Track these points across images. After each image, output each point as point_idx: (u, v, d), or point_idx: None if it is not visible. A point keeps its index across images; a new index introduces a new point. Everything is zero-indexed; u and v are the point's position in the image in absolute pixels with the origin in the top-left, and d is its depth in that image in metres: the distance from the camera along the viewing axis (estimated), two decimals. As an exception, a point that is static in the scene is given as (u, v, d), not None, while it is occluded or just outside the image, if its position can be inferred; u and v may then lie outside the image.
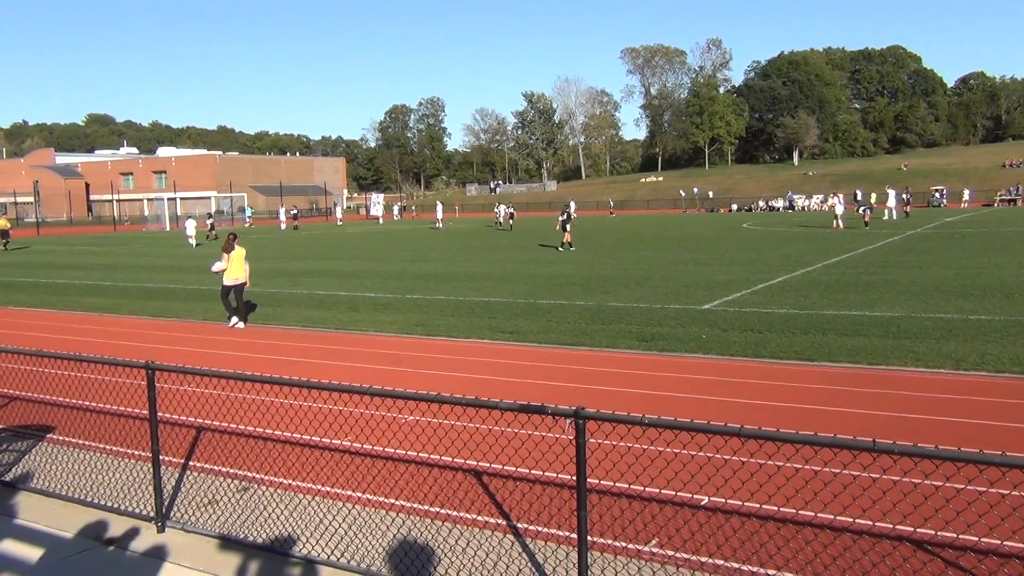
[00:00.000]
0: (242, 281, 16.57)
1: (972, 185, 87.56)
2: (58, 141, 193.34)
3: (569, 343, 13.54)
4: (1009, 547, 5.29)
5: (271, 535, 6.14)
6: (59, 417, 9.68)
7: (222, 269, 16.51)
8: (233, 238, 16.87)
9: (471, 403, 4.81)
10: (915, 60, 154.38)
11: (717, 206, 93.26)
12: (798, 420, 8.60)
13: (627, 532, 5.89)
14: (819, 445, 3.88)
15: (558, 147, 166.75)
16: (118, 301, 20.90)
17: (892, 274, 21.96)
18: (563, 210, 37.05)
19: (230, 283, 16.48)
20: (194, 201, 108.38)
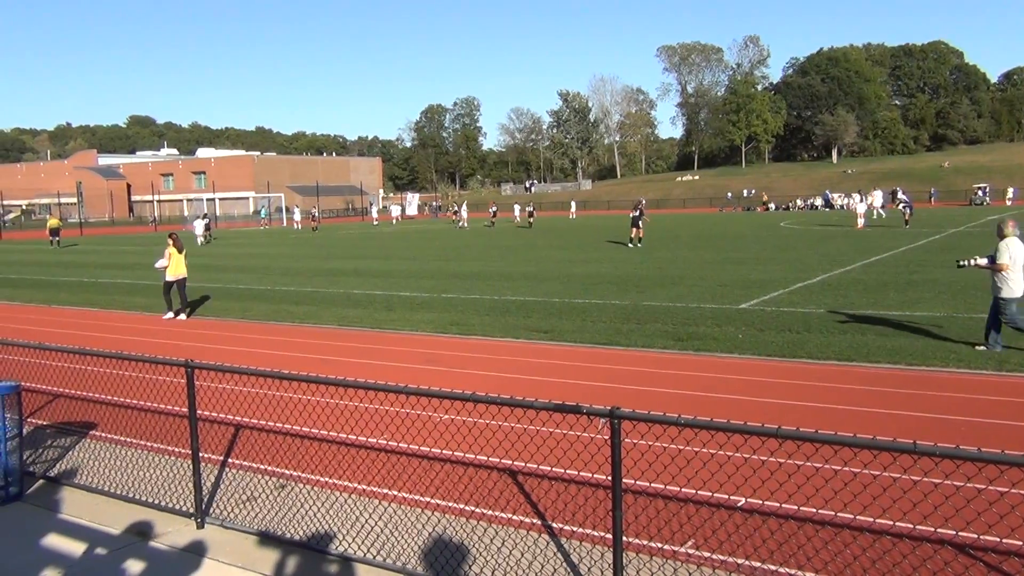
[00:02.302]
0: (183, 276, 18.07)
1: (1016, 183, 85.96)
2: (100, 143, 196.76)
3: (604, 343, 13.50)
4: (1055, 552, 5.19)
5: (308, 532, 6.20)
6: (101, 414, 9.84)
7: (164, 266, 17.92)
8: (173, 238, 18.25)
9: (506, 402, 4.82)
10: (957, 55, 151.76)
11: (754, 205, 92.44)
12: (836, 421, 8.49)
13: (663, 533, 5.85)
14: (858, 447, 3.83)
15: (593, 146, 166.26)
16: (158, 300, 21.16)
17: (933, 273, 21.62)
18: (635, 207, 37.66)
19: (172, 279, 17.94)
20: (232, 201, 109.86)
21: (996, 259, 11.71)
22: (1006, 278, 11.58)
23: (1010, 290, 11.57)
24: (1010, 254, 11.60)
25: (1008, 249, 11.64)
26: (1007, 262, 11.54)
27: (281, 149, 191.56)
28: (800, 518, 5.96)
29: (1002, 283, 11.63)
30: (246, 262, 34.26)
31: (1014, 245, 11.70)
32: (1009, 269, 11.53)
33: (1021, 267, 11.62)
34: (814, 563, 5.31)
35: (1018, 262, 11.61)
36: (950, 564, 5.21)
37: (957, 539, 5.46)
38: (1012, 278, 11.56)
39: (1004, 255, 11.59)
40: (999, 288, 11.67)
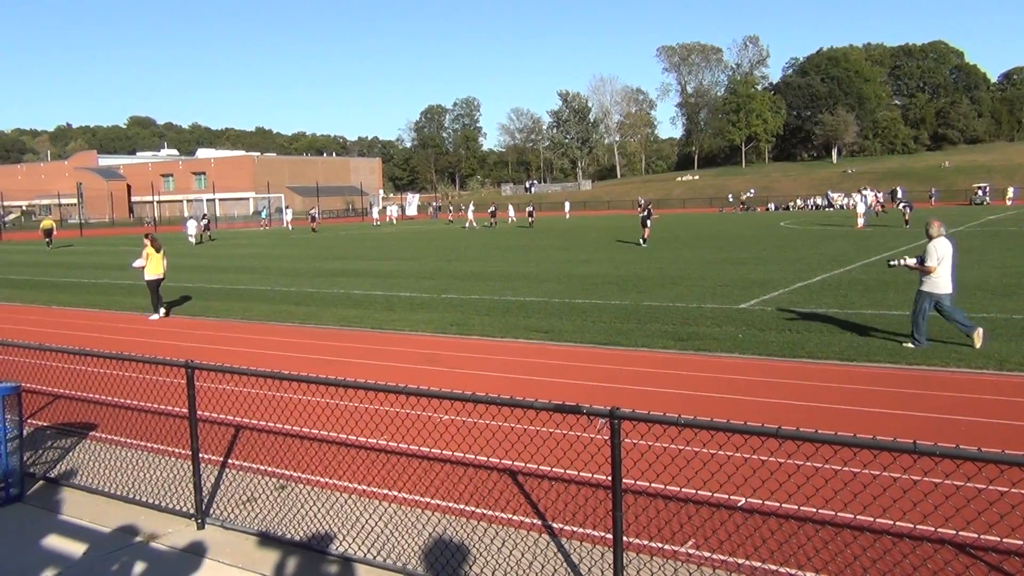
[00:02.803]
0: (160, 277, 18.31)
1: (1017, 182, 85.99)
2: (101, 143, 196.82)
3: (604, 343, 13.50)
4: (1055, 551, 5.19)
5: (309, 533, 6.20)
6: (102, 415, 9.84)
7: (142, 266, 18.24)
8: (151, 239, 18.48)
9: (506, 403, 4.82)
10: (957, 55, 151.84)
11: (753, 205, 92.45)
12: (837, 421, 8.49)
13: (663, 533, 5.85)
14: (858, 447, 3.83)
15: (593, 146, 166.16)
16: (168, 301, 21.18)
17: (933, 273, 21.59)
18: (644, 207, 38.50)
19: (151, 278, 18.22)
20: (232, 202, 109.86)
21: (924, 260, 12.15)
22: (934, 276, 12.03)
23: (934, 286, 12.02)
24: (938, 254, 12.04)
25: (936, 250, 12.07)
26: (934, 264, 12.00)
27: (281, 150, 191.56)
28: (800, 518, 5.96)
29: (927, 280, 12.11)
30: (246, 263, 34.27)
31: (942, 245, 12.12)
32: (935, 270, 12.00)
33: (949, 265, 12.07)
34: (814, 563, 5.31)
35: (945, 261, 12.02)
36: (950, 564, 5.21)
37: (957, 539, 5.46)
38: (941, 275, 12.01)
39: (932, 256, 12.05)
40: (922, 283, 12.17)
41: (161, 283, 18.49)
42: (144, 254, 18.24)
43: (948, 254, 12.10)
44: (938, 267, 11.99)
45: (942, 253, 12.06)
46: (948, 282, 12.05)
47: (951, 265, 12.14)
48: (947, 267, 12.06)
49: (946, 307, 12.04)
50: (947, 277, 12.06)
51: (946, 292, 12.02)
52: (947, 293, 12.03)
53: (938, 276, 12.02)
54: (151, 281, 18.21)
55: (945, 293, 12.01)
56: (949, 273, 12.09)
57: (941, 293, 12.00)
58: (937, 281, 12.02)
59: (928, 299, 12.02)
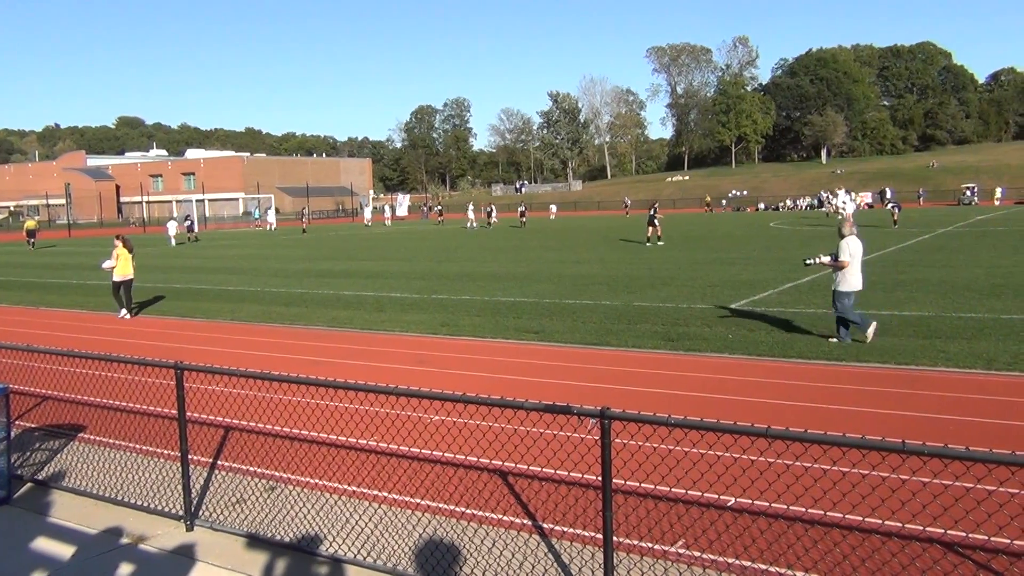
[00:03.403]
0: (130, 277, 18.57)
1: (1004, 182, 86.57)
2: (89, 144, 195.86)
3: (595, 343, 13.51)
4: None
5: (298, 534, 6.18)
6: (90, 416, 9.79)
7: (112, 266, 18.43)
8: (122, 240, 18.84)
9: (496, 403, 4.82)
10: (945, 56, 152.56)
11: (744, 205, 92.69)
12: (826, 421, 8.52)
13: (653, 533, 5.86)
14: (847, 446, 3.84)
15: (583, 147, 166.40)
16: (147, 303, 21.11)
17: (922, 273, 21.72)
18: (650, 207, 39.68)
19: (119, 279, 18.41)
20: (222, 203, 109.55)
21: (838, 257, 12.82)
22: (845, 274, 12.67)
23: (847, 284, 12.66)
24: (849, 252, 12.72)
25: (847, 248, 12.76)
26: (847, 259, 12.66)
27: (271, 150, 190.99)
28: (789, 517, 5.98)
29: (841, 278, 12.72)
30: (236, 263, 34.17)
31: (853, 243, 12.83)
32: (848, 266, 12.65)
33: (859, 263, 12.82)
34: (803, 562, 5.32)
35: (856, 258, 12.74)
36: (938, 562, 5.23)
37: (945, 537, 5.49)
38: (851, 272, 12.67)
39: (844, 253, 12.72)
40: (838, 282, 12.77)
41: (132, 284, 18.76)
42: (114, 255, 18.48)
43: (858, 252, 12.83)
44: (850, 264, 12.66)
45: (853, 251, 12.75)
46: (858, 279, 12.80)
47: (860, 262, 12.90)
48: (857, 265, 12.79)
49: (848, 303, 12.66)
50: (857, 274, 12.79)
51: (856, 288, 12.71)
52: (856, 290, 12.74)
53: (849, 273, 12.69)
54: (118, 282, 18.48)
55: (854, 289, 12.68)
56: (859, 270, 12.83)
57: (851, 290, 12.65)
58: (849, 278, 12.68)
59: (846, 296, 12.61)
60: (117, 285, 18.49)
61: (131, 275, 18.61)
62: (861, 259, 12.98)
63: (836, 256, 12.90)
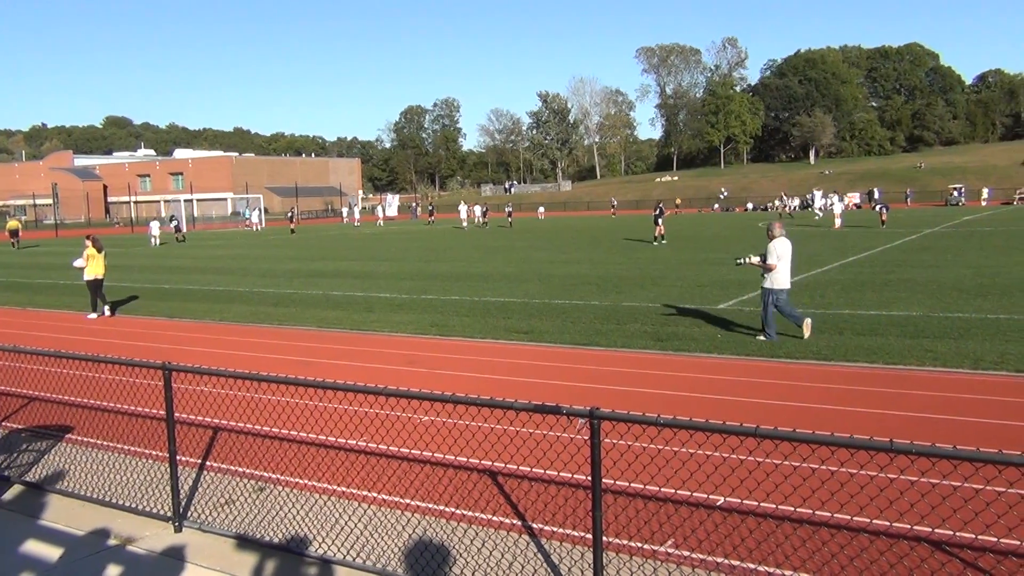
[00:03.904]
0: (100, 277, 18.71)
1: (991, 183, 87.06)
2: (76, 143, 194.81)
3: (584, 343, 13.52)
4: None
5: (287, 535, 6.17)
6: (77, 417, 9.75)
7: (82, 266, 18.63)
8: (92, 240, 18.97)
9: (486, 403, 4.81)
10: (933, 58, 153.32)
11: (732, 205, 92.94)
12: (814, 420, 8.55)
13: (642, 532, 5.87)
14: (836, 445, 3.85)
15: (573, 147, 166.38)
16: (134, 303, 21.04)
17: (909, 273, 21.82)
18: (656, 207, 40.71)
19: (90, 278, 18.59)
20: (211, 203, 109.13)
21: (766, 258, 13.29)
22: (774, 273, 13.19)
23: (776, 283, 13.19)
24: (777, 253, 13.22)
25: (776, 249, 13.25)
26: (774, 262, 13.17)
27: (260, 150, 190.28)
28: (778, 517, 6.00)
29: (770, 278, 13.24)
30: (224, 264, 34.06)
31: (781, 245, 13.31)
32: (776, 267, 13.15)
33: (787, 263, 13.34)
34: (792, 561, 5.34)
35: (784, 259, 13.24)
36: (926, 561, 5.26)
37: (933, 536, 5.52)
38: (780, 272, 13.17)
39: (772, 255, 13.23)
40: (767, 282, 13.29)
41: (102, 283, 18.85)
42: (85, 255, 18.62)
43: (786, 253, 13.30)
44: (778, 264, 13.14)
45: (781, 252, 13.24)
46: (786, 278, 13.31)
47: (789, 263, 13.39)
48: (786, 265, 13.29)
49: (782, 301, 13.23)
50: (786, 274, 13.32)
51: (785, 287, 13.25)
52: (786, 288, 13.27)
53: (778, 273, 13.20)
54: (90, 281, 18.62)
55: (783, 288, 13.21)
56: (788, 270, 13.36)
57: (780, 288, 13.17)
58: (777, 277, 13.20)
59: (773, 294, 13.15)
60: (90, 284, 18.67)
61: (102, 275, 18.75)
62: (790, 259, 13.42)
63: (765, 257, 13.32)
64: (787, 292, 13.32)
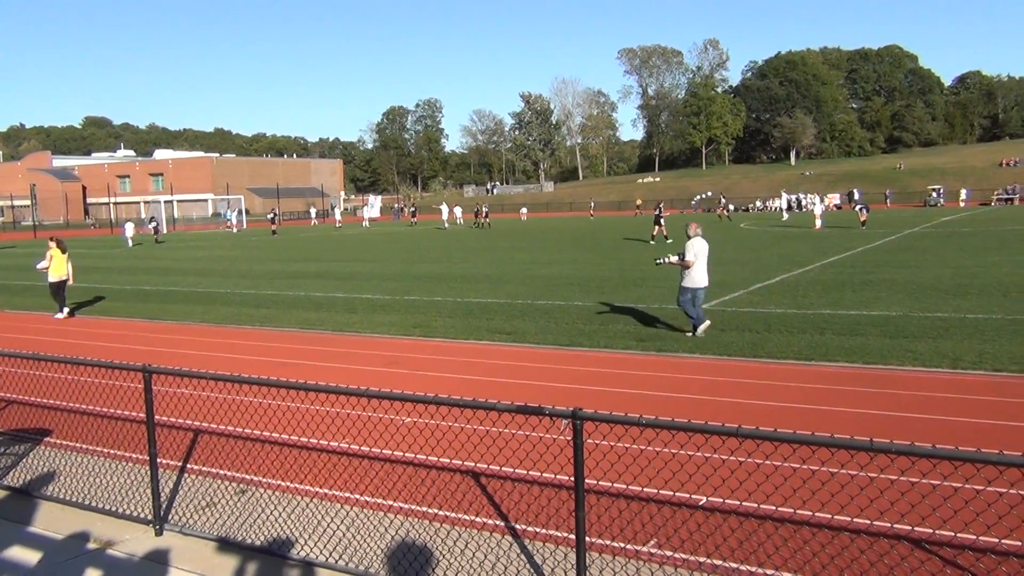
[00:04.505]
0: (65, 278, 18.78)
1: (969, 184, 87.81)
2: (55, 144, 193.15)
3: (567, 344, 13.54)
4: (1006, 545, 5.30)
5: (269, 537, 6.13)
6: (56, 420, 9.66)
7: (46, 267, 18.75)
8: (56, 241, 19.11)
9: (469, 404, 4.81)
10: (912, 59, 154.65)
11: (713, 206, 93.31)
12: (795, 420, 8.60)
13: (625, 532, 5.88)
14: (816, 444, 3.88)
15: (555, 148, 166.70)
16: (114, 304, 20.89)
17: (889, 273, 21.98)
18: (656, 207, 41.95)
19: (55, 280, 18.70)
20: (191, 204, 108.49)
21: (684, 256, 13.75)
22: (690, 271, 13.64)
23: (692, 280, 13.64)
24: (694, 251, 13.70)
25: (692, 248, 13.74)
26: (691, 259, 13.64)
27: (241, 151, 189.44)
28: (759, 516, 6.03)
29: (687, 275, 13.70)
30: (205, 265, 33.86)
31: (698, 244, 13.84)
32: (693, 265, 13.61)
33: (704, 261, 13.82)
34: (774, 560, 5.37)
35: (700, 257, 13.73)
36: (906, 559, 5.30)
37: (912, 534, 5.55)
38: (696, 270, 13.63)
39: (690, 253, 13.69)
40: (683, 278, 13.77)
41: (66, 284, 18.89)
42: (48, 256, 18.69)
43: (702, 252, 13.81)
44: (695, 262, 13.60)
45: (697, 250, 13.73)
46: (703, 276, 13.76)
47: (705, 261, 13.86)
48: (702, 263, 13.75)
49: (698, 298, 13.74)
50: (702, 272, 13.76)
51: (702, 285, 13.70)
52: (703, 287, 13.72)
53: (694, 271, 13.65)
54: (54, 283, 18.71)
55: (701, 287, 13.68)
56: (704, 268, 13.80)
57: (697, 287, 13.63)
58: (694, 276, 13.64)
59: (689, 292, 13.62)
60: (54, 285, 18.73)
61: (66, 276, 18.81)
62: (706, 258, 13.89)
63: (683, 256, 13.76)
64: (703, 290, 13.78)
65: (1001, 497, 5.81)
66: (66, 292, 18.99)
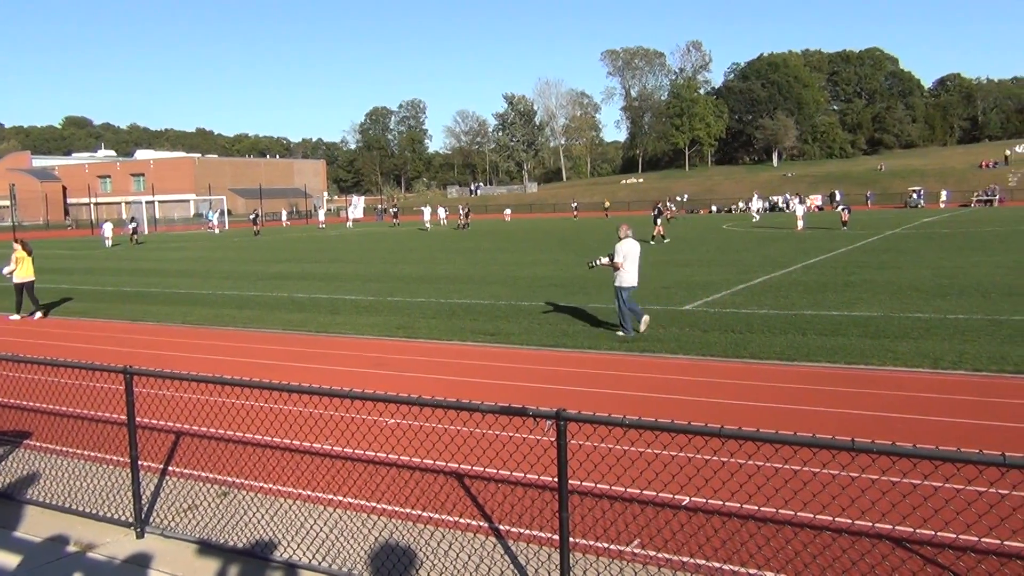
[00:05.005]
0: (31, 279, 18.95)
1: (949, 186, 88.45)
2: (35, 144, 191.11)
3: (550, 345, 13.55)
4: (987, 544, 5.34)
5: (251, 539, 6.10)
6: (36, 423, 9.58)
7: (11, 270, 18.83)
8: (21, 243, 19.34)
9: (452, 405, 4.81)
10: (892, 62, 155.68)
11: (697, 207, 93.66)
12: (778, 420, 8.64)
13: (609, 533, 5.89)
14: (798, 444, 3.90)
15: (539, 149, 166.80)
16: (95, 305, 20.73)
17: (871, 274, 22.13)
18: (654, 207, 42.56)
19: (20, 281, 18.80)
20: (173, 204, 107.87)
21: (614, 258, 14.16)
22: (621, 272, 14.05)
23: (623, 281, 14.06)
24: (623, 253, 14.11)
25: (621, 250, 14.15)
26: (620, 260, 14.06)
27: (223, 151, 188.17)
28: (742, 515, 6.05)
29: (618, 276, 14.13)
30: (187, 266, 33.68)
31: (627, 245, 14.22)
32: (623, 266, 14.01)
33: (635, 262, 14.23)
34: (756, 559, 5.39)
35: (630, 258, 14.14)
36: (887, 558, 5.33)
37: (894, 533, 5.60)
38: (626, 271, 14.04)
39: (619, 254, 14.13)
40: (616, 279, 14.15)
41: (33, 285, 19.06)
42: (13, 258, 18.77)
43: (632, 253, 14.22)
44: (624, 263, 14.00)
45: (626, 252, 14.13)
46: (633, 277, 14.19)
47: (635, 262, 14.24)
48: (632, 264, 14.16)
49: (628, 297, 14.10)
50: (633, 272, 14.17)
51: (632, 285, 14.11)
52: (632, 286, 14.11)
53: (624, 272, 14.04)
54: (20, 284, 18.80)
55: (630, 286, 14.07)
56: (634, 269, 14.21)
57: (627, 286, 14.03)
58: (624, 276, 14.05)
59: (624, 292, 14.01)
60: (19, 287, 18.80)
61: (32, 277, 18.92)
62: (637, 259, 14.29)
63: (612, 257, 14.19)
64: (631, 290, 14.14)
65: (980, 496, 5.86)
66: (35, 292, 19.13)
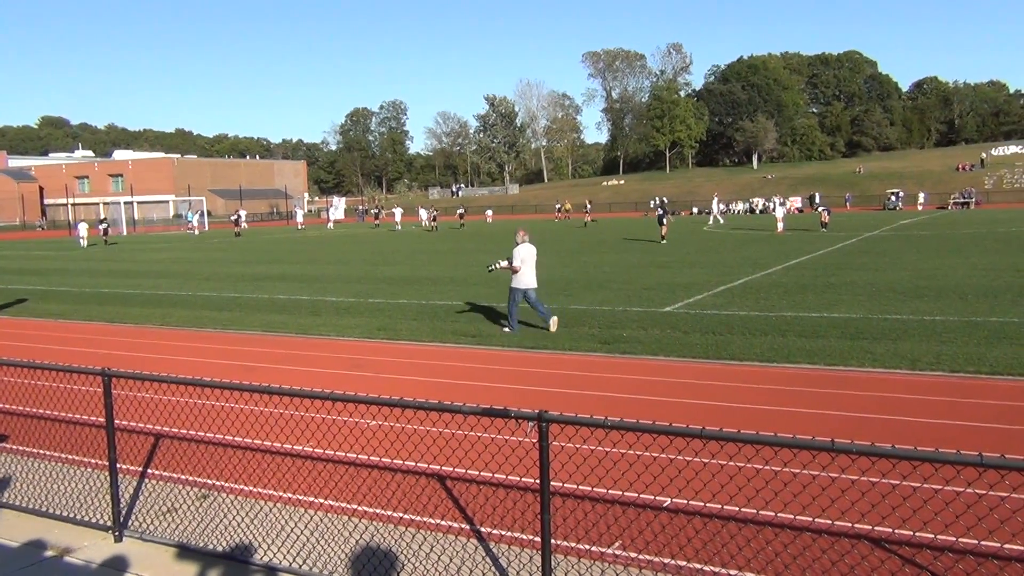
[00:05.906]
0: None
1: (927, 188, 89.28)
2: (10, 144, 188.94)
3: (532, 346, 13.55)
4: (964, 543, 5.39)
5: (231, 543, 6.07)
6: (13, 426, 9.47)
7: None
8: None
9: (434, 407, 4.80)
10: (871, 65, 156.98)
11: (678, 209, 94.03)
12: (758, 421, 8.68)
13: (590, 535, 5.90)
14: (778, 446, 3.92)
15: (520, 150, 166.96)
16: (72, 307, 20.55)
17: (850, 276, 22.29)
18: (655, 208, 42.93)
19: None
20: (152, 205, 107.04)
21: (512, 261, 15.00)
22: (518, 274, 14.90)
23: (519, 282, 14.90)
24: (520, 257, 14.96)
25: (519, 254, 15.01)
26: (518, 264, 14.93)
27: (202, 152, 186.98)
28: (723, 516, 6.08)
29: (515, 278, 14.97)
30: (167, 267, 33.44)
31: (524, 249, 15.11)
32: (520, 269, 14.86)
33: (532, 265, 15.09)
34: (737, 560, 5.41)
35: (527, 261, 15.01)
36: (866, 558, 5.37)
37: (873, 533, 5.64)
38: (523, 273, 14.91)
39: (516, 258, 14.98)
40: (513, 280, 14.99)
41: None
42: None
43: (528, 257, 15.06)
44: (522, 267, 14.87)
45: (523, 255, 14.98)
46: (531, 278, 14.99)
47: (532, 265, 15.06)
48: (529, 267, 15.00)
49: (531, 298, 14.93)
50: (530, 274, 15.01)
51: (530, 286, 14.92)
52: (531, 287, 14.93)
53: (522, 274, 14.91)
54: None
55: (529, 287, 14.90)
56: (531, 271, 15.05)
57: (525, 288, 14.87)
58: (521, 278, 14.90)
59: (517, 292, 14.87)
60: None
61: None
62: (534, 262, 15.13)
63: (511, 261, 15.00)
64: (534, 290, 14.96)
65: (958, 496, 5.91)
66: None
